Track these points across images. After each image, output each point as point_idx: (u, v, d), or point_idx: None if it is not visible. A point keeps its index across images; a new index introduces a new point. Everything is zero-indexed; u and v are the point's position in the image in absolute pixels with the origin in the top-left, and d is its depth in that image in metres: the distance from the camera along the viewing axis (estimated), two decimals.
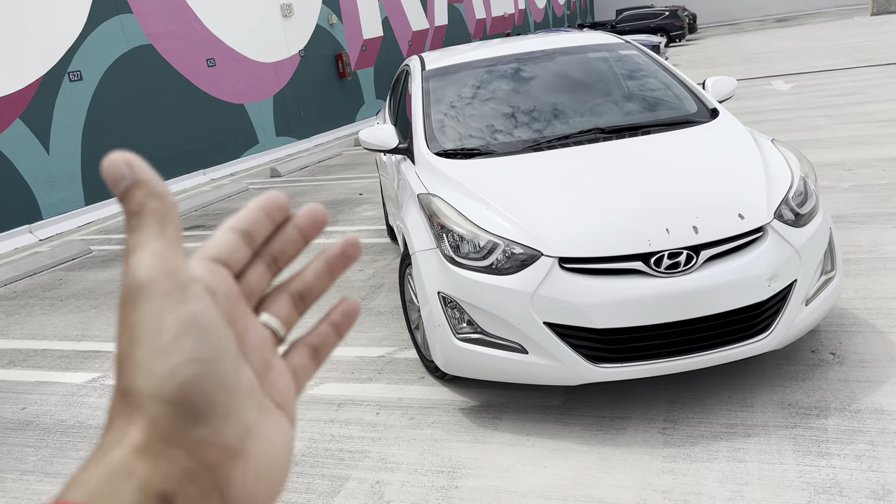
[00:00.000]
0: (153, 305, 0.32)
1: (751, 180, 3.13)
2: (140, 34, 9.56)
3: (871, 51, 15.88)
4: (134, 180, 0.33)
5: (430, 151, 3.81)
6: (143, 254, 0.32)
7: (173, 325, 0.32)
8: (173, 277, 0.32)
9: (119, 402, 0.32)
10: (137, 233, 0.33)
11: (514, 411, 3.22)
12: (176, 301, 0.32)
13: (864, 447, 2.68)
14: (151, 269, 0.32)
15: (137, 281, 0.32)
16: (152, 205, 0.33)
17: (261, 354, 0.36)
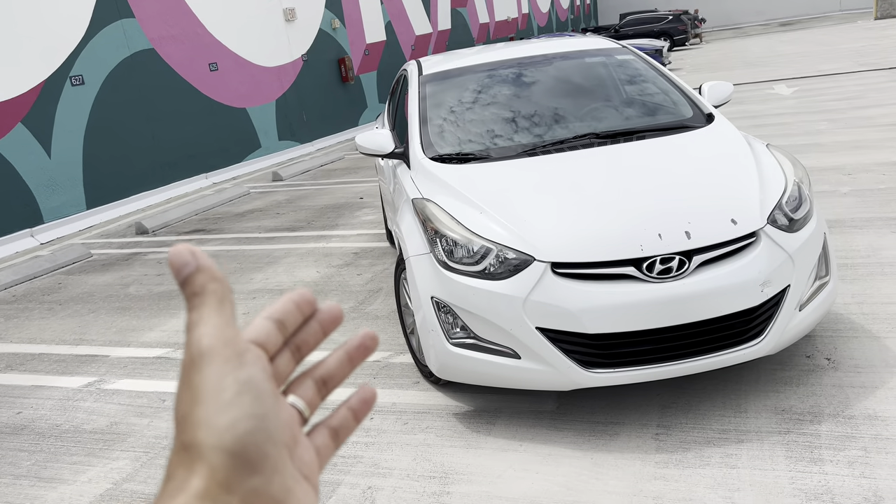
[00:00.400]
0: (215, 369, 0.36)
1: (744, 185, 3.13)
2: (142, 38, 9.61)
3: (874, 54, 15.84)
4: (197, 266, 0.38)
5: (426, 156, 3.81)
6: (204, 327, 0.37)
7: (233, 385, 0.36)
8: (231, 345, 0.37)
9: (179, 455, 0.35)
10: (199, 310, 0.38)
11: (508, 416, 3.21)
12: (235, 365, 0.37)
13: (857, 453, 2.67)
14: (213, 338, 0.37)
15: (200, 349, 0.37)
16: (212, 287, 0.38)
17: (290, 430, 0.40)
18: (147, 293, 5.70)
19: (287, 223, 7.45)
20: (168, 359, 4.36)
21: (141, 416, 3.69)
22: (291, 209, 8.15)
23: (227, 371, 0.36)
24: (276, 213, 8.07)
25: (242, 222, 7.81)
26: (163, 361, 4.33)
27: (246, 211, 8.42)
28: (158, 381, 4.08)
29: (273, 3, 12.19)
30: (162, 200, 9.71)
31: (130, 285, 5.98)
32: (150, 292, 5.72)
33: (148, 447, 3.38)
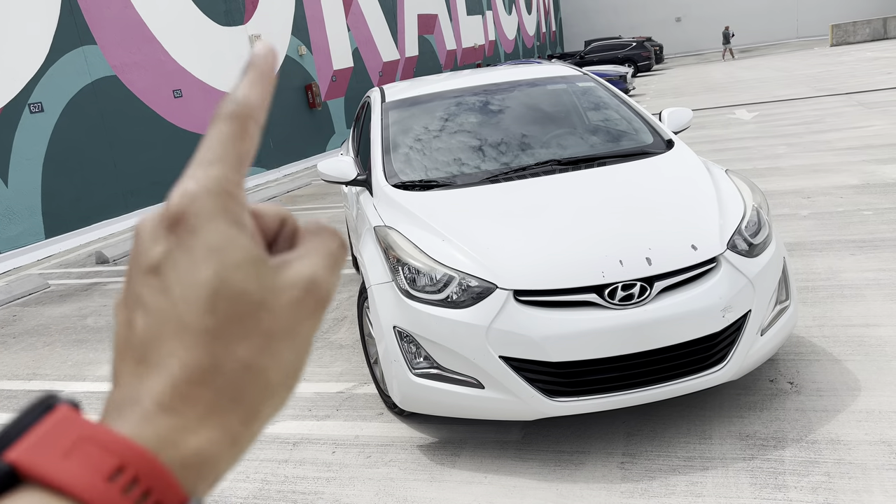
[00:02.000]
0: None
1: (704, 211, 3.15)
2: (104, 65, 9.49)
3: (830, 80, 16.32)
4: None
5: (388, 183, 3.78)
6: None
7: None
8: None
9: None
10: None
11: (473, 447, 3.16)
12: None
13: (821, 479, 2.66)
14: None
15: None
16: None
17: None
18: (105, 324, 5.55)
19: None
20: None
21: None
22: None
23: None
24: None
25: None
26: None
27: None
28: None
29: (238, 30, 12.17)
30: (124, 229, 9.52)
31: (88, 317, 5.82)
32: (108, 324, 5.57)
33: None
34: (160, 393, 0.30)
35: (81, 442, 0.28)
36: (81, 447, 0.28)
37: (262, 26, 12.78)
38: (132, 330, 0.32)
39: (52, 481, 0.27)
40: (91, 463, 0.27)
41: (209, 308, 0.31)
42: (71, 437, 0.28)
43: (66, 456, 0.27)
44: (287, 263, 0.34)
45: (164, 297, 0.31)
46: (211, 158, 0.33)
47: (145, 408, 0.30)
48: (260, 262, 0.33)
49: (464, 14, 24.37)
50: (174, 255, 0.32)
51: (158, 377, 0.30)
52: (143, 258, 0.32)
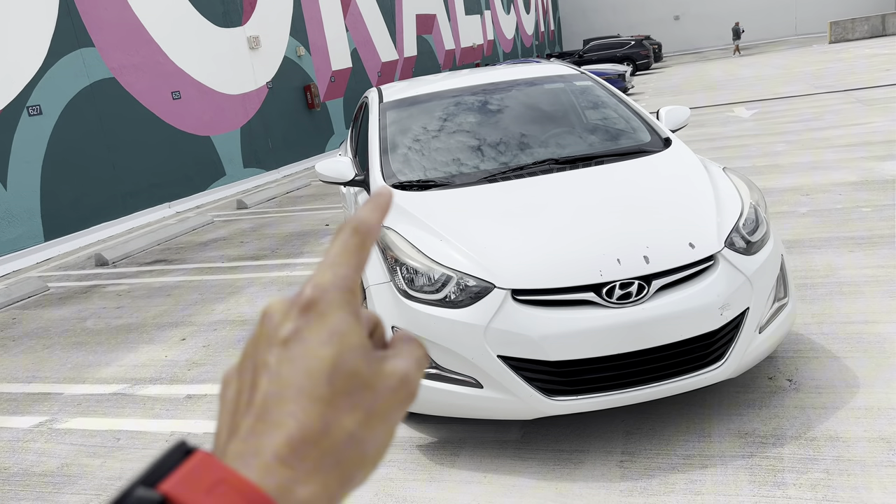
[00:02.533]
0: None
1: (701, 209, 3.15)
2: (102, 68, 9.49)
3: (829, 77, 16.31)
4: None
5: (386, 183, 3.78)
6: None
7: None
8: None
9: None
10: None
11: (472, 447, 3.16)
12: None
13: (820, 476, 2.66)
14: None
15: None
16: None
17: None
18: (105, 327, 5.55)
19: (251, 252, 7.34)
20: (124, 395, 4.22)
21: (93, 456, 3.56)
22: (256, 237, 8.05)
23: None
24: (240, 241, 7.97)
25: (205, 252, 7.68)
26: (118, 398, 4.20)
27: (209, 240, 8.29)
28: (113, 418, 3.95)
29: (236, 32, 12.17)
30: (123, 231, 9.52)
31: (88, 319, 5.82)
32: (108, 326, 5.57)
33: (100, 489, 3.25)
34: (279, 446, 0.35)
35: (219, 483, 0.32)
36: (219, 487, 0.32)
37: (260, 27, 12.78)
38: (254, 392, 0.37)
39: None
40: (228, 501, 0.32)
41: (328, 380, 0.37)
42: (211, 479, 0.32)
43: (207, 493, 0.32)
44: (387, 357, 0.40)
45: (290, 365, 0.37)
46: (338, 262, 0.40)
47: (266, 459, 0.34)
48: (370, 350, 0.39)
49: (462, 14, 24.37)
50: (304, 332, 0.38)
51: (278, 433, 0.35)
52: (277, 332, 0.38)
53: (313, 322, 0.38)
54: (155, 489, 0.32)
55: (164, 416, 3.88)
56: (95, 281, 7.11)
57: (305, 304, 0.38)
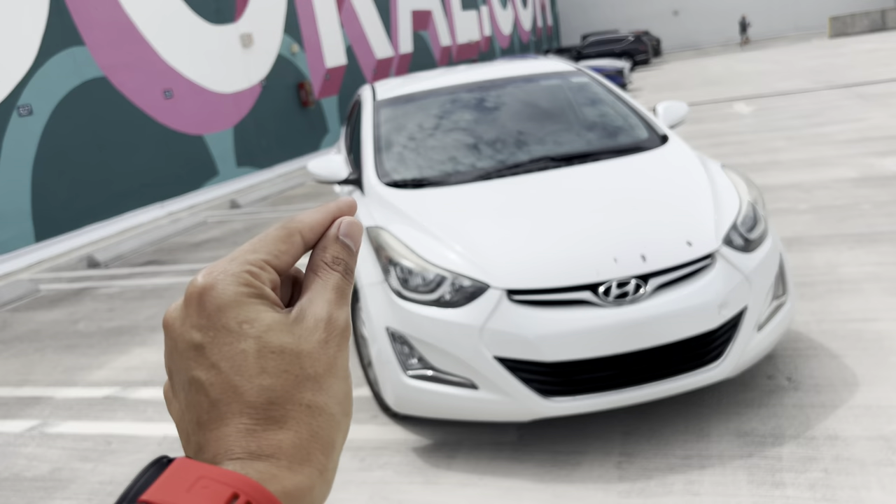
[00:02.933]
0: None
1: (699, 207, 3.10)
2: (93, 67, 9.41)
3: (829, 72, 16.28)
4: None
5: (380, 182, 3.73)
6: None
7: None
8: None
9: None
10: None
11: (468, 449, 3.11)
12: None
13: (818, 475, 2.62)
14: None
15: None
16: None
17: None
18: (97, 329, 5.50)
19: None
20: (116, 398, 4.17)
21: (85, 460, 3.51)
22: (248, 237, 7.95)
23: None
24: (233, 241, 7.91)
25: (198, 252, 7.62)
26: (110, 401, 4.15)
27: (202, 241, 8.23)
28: (105, 422, 3.90)
29: (229, 29, 12.08)
30: (116, 232, 9.45)
31: (80, 321, 5.76)
32: (99, 328, 5.51)
33: (91, 493, 3.20)
34: (246, 442, 0.35)
35: (200, 479, 0.32)
36: (201, 483, 0.32)
37: (253, 24, 12.70)
38: (198, 409, 0.36)
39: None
40: (211, 493, 0.32)
41: (259, 369, 0.36)
42: (192, 477, 0.33)
43: (189, 490, 0.32)
44: (303, 312, 0.39)
45: (216, 372, 0.36)
46: (250, 249, 0.39)
47: (239, 456, 0.35)
48: (284, 322, 0.38)
49: (458, 9, 24.28)
50: (211, 332, 0.37)
51: (240, 434, 0.35)
52: (185, 339, 0.37)
53: (214, 317, 0.37)
54: (137, 501, 0.32)
55: (156, 420, 3.83)
56: (87, 283, 7.05)
57: (198, 294, 0.37)
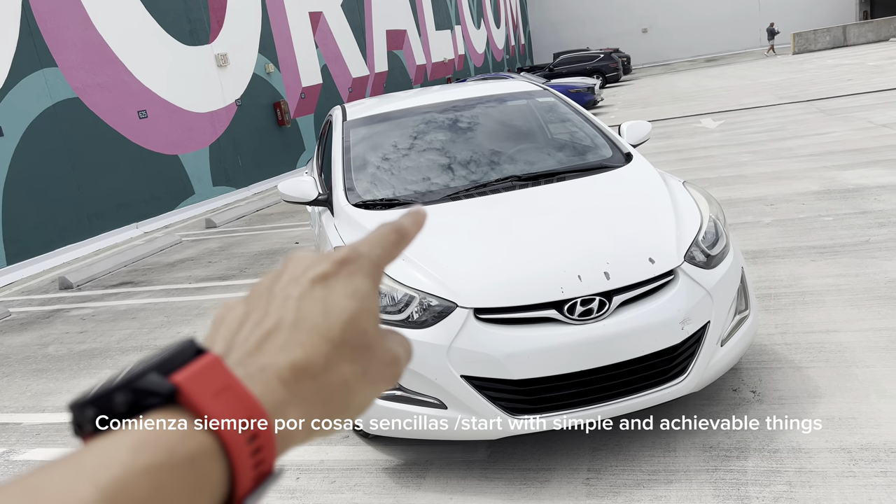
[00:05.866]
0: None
1: (661, 224, 3.17)
2: (66, 87, 9.35)
3: (793, 87, 16.64)
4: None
5: (349, 202, 3.76)
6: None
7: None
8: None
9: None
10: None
11: (439, 469, 3.13)
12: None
13: (782, 488, 2.67)
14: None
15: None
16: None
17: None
18: (67, 353, 5.43)
19: (219, 272, 7.25)
20: None
21: None
22: (224, 257, 7.96)
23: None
24: (208, 261, 7.87)
25: (173, 272, 7.57)
26: None
27: (177, 260, 8.18)
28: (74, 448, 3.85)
29: (204, 50, 12.09)
30: (89, 253, 9.36)
31: (50, 345, 5.69)
32: (70, 352, 5.45)
33: None
34: (283, 368, 0.37)
35: (226, 389, 0.34)
36: (226, 393, 0.34)
37: (228, 44, 12.71)
38: (266, 316, 0.40)
39: (203, 413, 0.33)
40: (231, 409, 0.34)
41: (342, 327, 0.40)
42: (219, 383, 0.34)
43: (215, 396, 0.34)
44: (386, 336, 0.44)
45: (312, 303, 0.40)
46: (376, 244, 0.45)
47: (269, 376, 0.37)
48: (379, 321, 0.43)
49: (433, 29, 24.49)
50: (332, 280, 0.41)
51: (284, 356, 0.38)
52: (306, 273, 0.42)
53: (342, 276, 0.42)
54: (168, 379, 0.33)
55: None
56: (59, 305, 6.97)
57: (341, 260, 0.43)
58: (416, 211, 0.49)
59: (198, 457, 0.32)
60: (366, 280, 0.42)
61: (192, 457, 0.32)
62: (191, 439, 0.32)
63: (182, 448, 0.32)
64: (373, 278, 0.43)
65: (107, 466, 0.29)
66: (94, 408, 0.33)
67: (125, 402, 0.33)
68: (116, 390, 0.33)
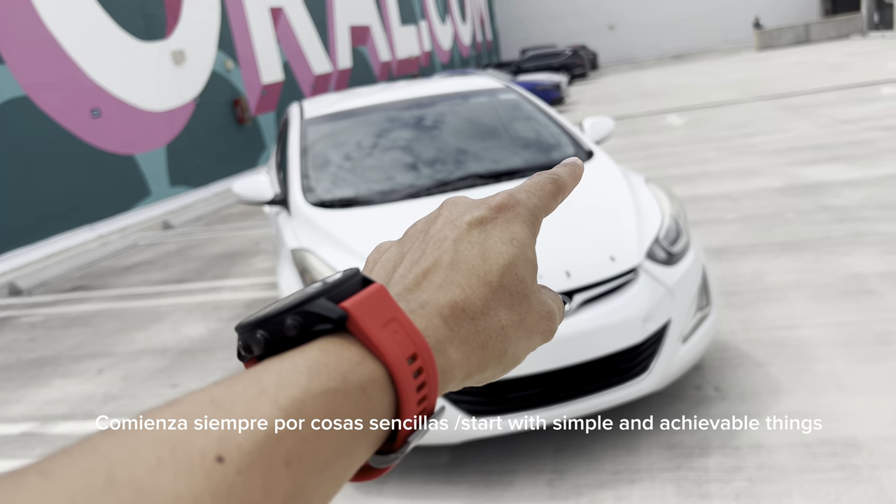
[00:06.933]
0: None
1: (622, 222, 3.13)
2: (14, 85, 9.03)
3: (757, 84, 16.89)
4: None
5: (307, 202, 3.66)
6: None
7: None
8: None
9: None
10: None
11: (400, 473, 3.05)
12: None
13: (743, 485, 2.65)
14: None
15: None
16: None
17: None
18: (16, 361, 5.23)
19: (175, 275, 7.06)
20: (34, 434, 3.96)
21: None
22: (181, 260, 7.76)
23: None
24: (165, 264, 7.66)
25: (128, 276, 7.36)
26: (27, 438, 3.93)
27: (132, 264, 7.95)
28: (20, 460, 3.69)
29: (160, 46, 11.80)
30: (40, 257, 9.05)
31: None
32: (19, 360, 5.24)
33: None
34: (444, 306, 0.37)
35: (393, 321, 0.34)
36: (393, 325, 0.34)
37: (185, 41, 12.43)
38: (423, 256, 0.40)
39: (373, 342, 0.33)
40: (399, 341, 0.33)
41: (500, 273, 0.39)
42: (387, 314, 0.34)
43: (384, 326, 0.33)
44: (541, 289, 0.43)
45: (470, 246, 0.40)
46: (533, 192, 0.44)
47: (430, 312, 0.37)
48: (536, 271, 0.42)
49: (397, 24, 24.33)
50: (489, 225, 0.41)
51: (445, 295, 0.38)
52: (463, 216, 0.42)
53: (500, 222, 0.41)
54: (338, 305, 0.33)
55: None
56: (7, 312, 6.72)
57: (498, 205, 0.42)
58: (574, 162, 0.48)
59: (368, 386, 0.32)
60: (523, 227, 0.42)
61: (362, 385, 0.32)
62: (362, 367, 0.32)
63: (354, 375, 0.32)
64: (531, 226, 0.42)
65: (285, 387, 0.30)
66: (264, 330, 0.33)
67: (296, 325, 0.33)
68: (286, 313, 0.33)
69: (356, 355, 0.33)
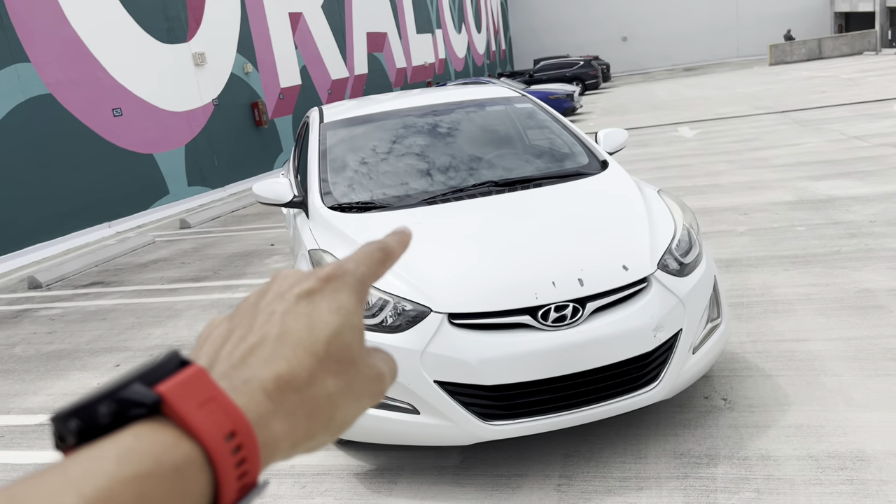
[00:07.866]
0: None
1: (635, 232, 3.18)
2: (38, 83, 9.20)
3: (768, 98, 16.89)
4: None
5: (325, 205, 3.73)
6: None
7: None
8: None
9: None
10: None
11: (410, 474, 3.11)
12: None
13: (751, 496, 2.69)
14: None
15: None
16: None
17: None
18: (35, 353, 5.33)
19: (192, 273, 7.16)
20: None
21: None
22: (198, 258, 7.86)
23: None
24: (182, 262, 7.77)
25: (145, 273, 7.47)
26: (44, 429, 4.02)
27: (149, 261, 8.07)
28: (38, 451, 3.77)
29: (181, 48, 11.96)
30: (60, 252, 9.20)
31: (17, 345, 5.58)
32: (38, 352, 5.34)
33: None
34: (267, 381, 0.38)
35: (211, 400, 0.34)
36: (210, 404, 0.34)
37: (205, 44, 12.59)
38: (250, 331, 0.40)
39: (187, 423, 0.33)
40: (216, 420, 0.34)
41: (327, 341, 0.40)
42: (204, 394, 0.34)
43: (200, 407, 0.34)
44: (371, 353, 0.44)
45: (296, 318, 0.41)
46: (361, 262, 0.46)
47: (253, 388, 0.37)
48: (363, 337, 0.43)
49: (413, 32, 24.50)
50: (317, 296, 0.42)
51: (269, 369, 0.38)
52: (291, 289, 0.43)
53: (328, 292, 0.42)
54: (152, 389, 0.33)
55: None
56: (27, 305, 6.84)
57: (326, 276, 0.43)
58: (402, 231, 0.50)
59: (183, 467, 0.32)
60: (350, 296, 0.43)
61: (177, 467, 0.32)
62: (176, 449, 0.32)
63: (167, 458, 0.32)
64: (357, 295, 0.44)
65: (92, 476, 0.29)
66: (77, 419, 0.32)
67: (109, 412, 0.32)
68: (100, 401, 0.32)
69: (171, 438, 0.32)
